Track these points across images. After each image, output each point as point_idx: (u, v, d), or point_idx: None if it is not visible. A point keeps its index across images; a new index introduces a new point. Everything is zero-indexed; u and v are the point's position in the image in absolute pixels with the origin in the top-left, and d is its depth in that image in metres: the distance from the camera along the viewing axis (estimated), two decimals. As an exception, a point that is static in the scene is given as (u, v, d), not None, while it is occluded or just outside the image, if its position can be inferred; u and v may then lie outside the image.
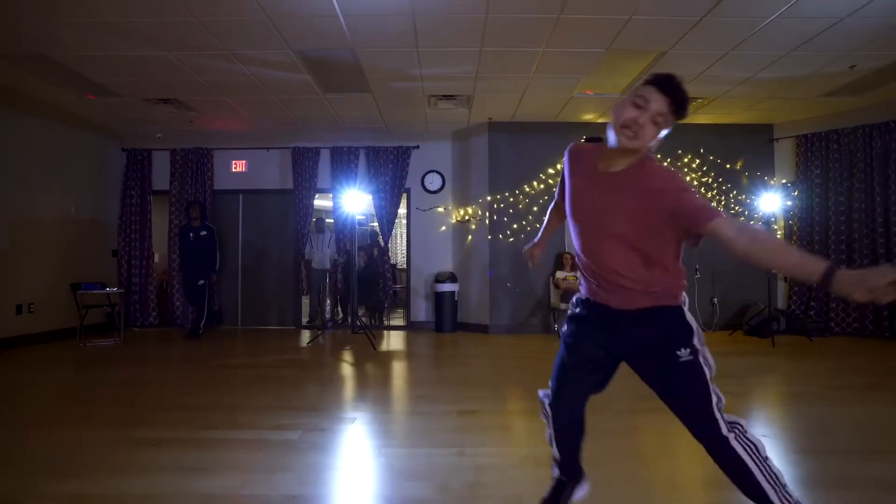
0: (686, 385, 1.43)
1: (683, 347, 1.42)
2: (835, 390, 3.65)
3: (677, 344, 1.43)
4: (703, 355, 1.45)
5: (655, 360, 1.47)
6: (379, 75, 5.25)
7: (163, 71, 5.08)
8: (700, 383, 1.42)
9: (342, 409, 3.18)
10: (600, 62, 4.92)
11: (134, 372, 4.46)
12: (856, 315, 6.34)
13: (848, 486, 2.01)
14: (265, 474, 2.16)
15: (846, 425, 2.81)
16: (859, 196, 6.31)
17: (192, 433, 2.71)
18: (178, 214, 7.47)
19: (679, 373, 1.43)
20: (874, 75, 5.22)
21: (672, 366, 1.43)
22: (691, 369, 1.42)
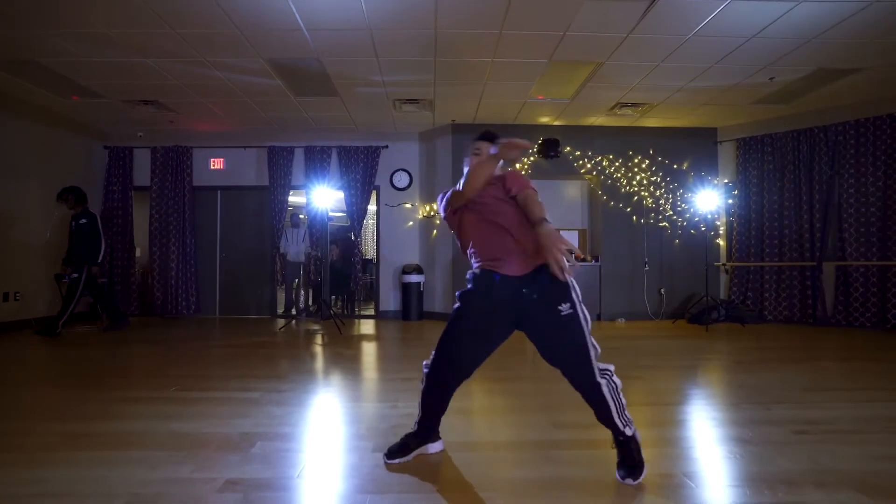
0: (567, 337, 1.79)
1: (564, 303, 1.77)
2: (740, 363, 4.19)
3: (558, 300, 1.80)
4: (582, 309, 1.79)
5: (540, 317, 1.83)
6: (345, 81, 5.70)
7: (144, 75, 5.47)
8: (580, 335, 1.78)
9: (302, 377, 3.63)
10: (546, 71, 5.42)
11: (116, 350, 4.86)
12: (786, 304, 6.94)
13: (762, 423, 2.53)
14: (227, 419, 2.61)
15: (747, 385, 3.34)
16: (789, 196, 6.90)
17: (168, 394, 3.15)
18: (158, 209, 7.84)
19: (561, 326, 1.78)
20: (792, 86, 5.80)
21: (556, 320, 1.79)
22: (571, 322, 1.79)
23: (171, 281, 7.80)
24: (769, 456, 2.10)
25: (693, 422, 2.65)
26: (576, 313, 1.78)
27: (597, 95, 6.23)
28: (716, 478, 1.91)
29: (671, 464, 2.03)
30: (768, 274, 7.08)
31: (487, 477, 1.91)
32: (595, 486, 1.82)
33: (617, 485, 1.82)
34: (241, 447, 2.23)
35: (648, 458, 1.91)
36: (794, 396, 3.09)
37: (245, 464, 2.04)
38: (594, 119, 7.23)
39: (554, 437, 2.37)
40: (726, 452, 2.16)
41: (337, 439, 2.36)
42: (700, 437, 2.40)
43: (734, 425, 2.53)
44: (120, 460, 2.08)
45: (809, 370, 3.95)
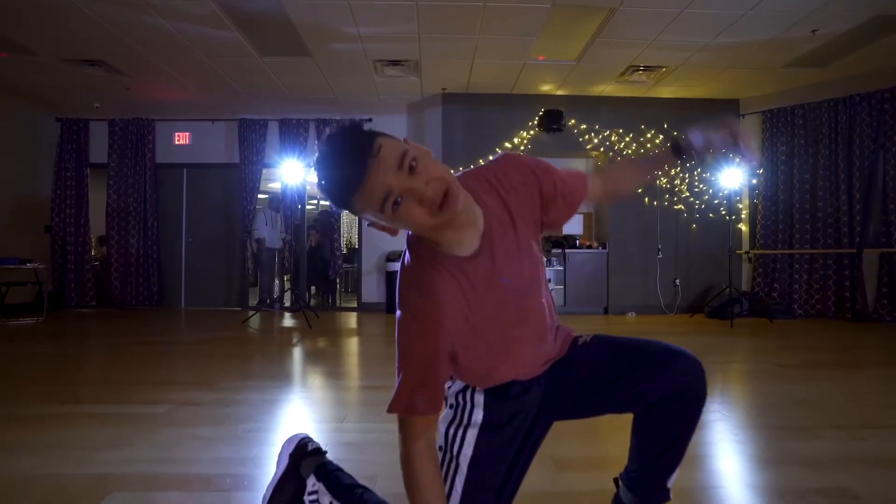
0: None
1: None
2: (782, 367, 3.41)
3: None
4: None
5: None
6: (315, 34, 4.89)
7: (80, 25, 4.67)
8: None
9: (237, 386, 2.85)
10: (549, 21, 4.61)
11: (39, 346, 4.10)
12: (819, 297, 6.14)
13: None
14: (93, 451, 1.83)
15: (787, 401, 2.55)
16: (824, 174, 6.08)
17: (34, 410, 2.37)
18: (117, 189, 7.05)
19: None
20: (837, 42, 4.97)
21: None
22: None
23: (132, 269, 7.02)
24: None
25: (751, 459, 1.85)
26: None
27: (606, 56, 5.41)
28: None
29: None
30: (798, 263, 6.27)
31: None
32: None
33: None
34: (83, 500, 1.45)
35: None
36: (885, 419, 2.29)
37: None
38: (602, 88, 6.40)
39: (556, 485, 1.58)
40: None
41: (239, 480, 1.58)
42: (769, 484, 1.60)
43: (819, 468, 1.73)
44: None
45: (882, 378, 3.16)
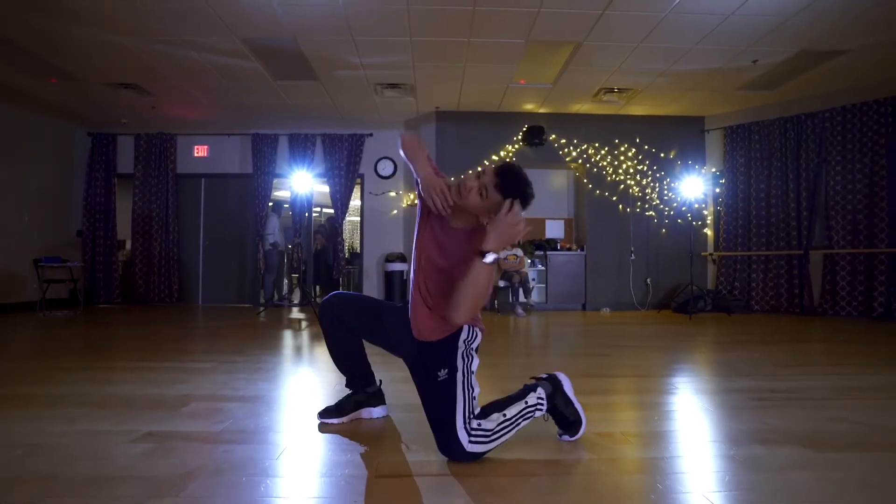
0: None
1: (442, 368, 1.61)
2: (719, 344, 4.11)
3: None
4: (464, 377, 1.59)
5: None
6: (322, 63, 5.63)
7: (121, 56, 5.42)
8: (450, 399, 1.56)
9: (263, 352, 3.54)
10: (525, 53, 5.35)
11: (87, 330, 4.80)
12: (773, 294, 6.84)
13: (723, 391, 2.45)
14: (169, 385, 2.53)
15: (719, 361, 3.26)
16: (776, 184, 6.81)
17: (112, 363, 3.08)
18: (142, 197, 7.78)
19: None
20: (777, 70, 5.72)
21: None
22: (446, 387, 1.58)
23: (154, 269, 7.73)
24: (720, 420, 2.02)
25: (654, 391, 2.56)
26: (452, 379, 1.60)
27: (579, 80, 6.15)
28: (660, 438, 1.82)
29: (620, 425, 1.95)
30: (755, 263, 6.98)
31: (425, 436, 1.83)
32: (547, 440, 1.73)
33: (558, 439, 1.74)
34: (172, 406, 2.15)
35: (598, 419, 1.84)
36: (764, 371, 3.00)
37: (171, 419, 1.96)
38: (579, 106, 7.15)
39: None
40: (679, 418, 2.08)
41: (277, 401, 2.28)
42: (657, 403, 2.31)
43: (695, 394, 2.44)
44: (37, 417, 2.00)
45: (786, 350, 3.86)
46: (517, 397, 1.64)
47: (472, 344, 1.69)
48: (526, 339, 4.64)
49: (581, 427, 1.70)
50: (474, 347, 1.70)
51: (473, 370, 1.64)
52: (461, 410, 1.52)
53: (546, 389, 1.69)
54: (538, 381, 1.73)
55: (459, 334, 1.66)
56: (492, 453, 1.54)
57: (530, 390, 1.67)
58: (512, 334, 4.89)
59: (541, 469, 1.51)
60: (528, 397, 1.64)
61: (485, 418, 1.54)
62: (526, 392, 1.66)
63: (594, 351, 3.84)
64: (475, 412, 1.55)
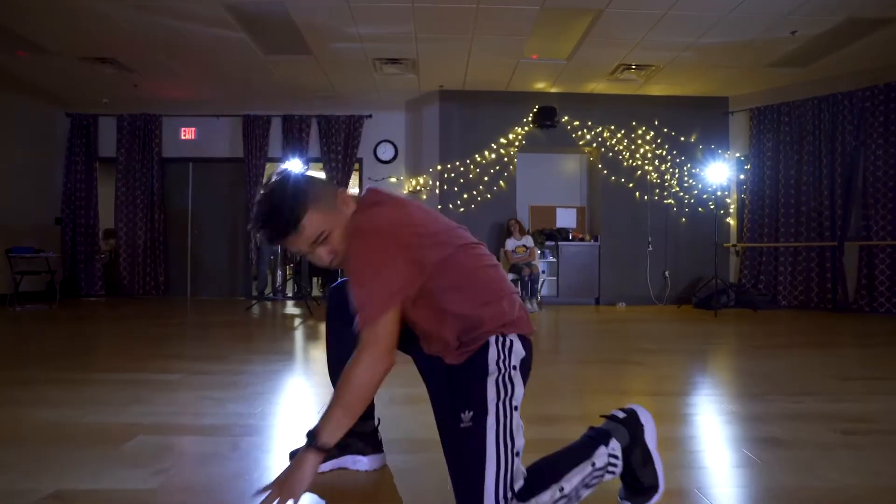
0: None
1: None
2: (758, 348, 3.64)
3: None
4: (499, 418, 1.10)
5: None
6: (316, 34, 5.12)
7: (95, 25, 4.93)
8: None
9: (247, 358, 3.09)
10: (539, 21, 4.83)
11: (53, 329, 4.34)
12: (802, 289, 6.36)
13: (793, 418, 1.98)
14: (120, 406, 2.07)
15: (766, 373, 2.79)
16: (808, 170, 6.30)
17: (63, 375, 2.62)
18: (125, 183, 7.30)
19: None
20: (816, 42, 5.19)
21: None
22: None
23: (139, 259, 7.27)
24: (809, 462, 1.55)
25: (704, 416, 2.09)
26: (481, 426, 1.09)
27: (596, 55, 5.63)
28: (739, 494, 1.35)
29: (680, 474, 1.47)
30: (783, 256, 6.49)
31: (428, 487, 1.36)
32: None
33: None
34: (111, 442, 1.69)
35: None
36: (830, 386, 2.53)
37: (99, 466, 1.49)
38: (594, 86, 6.62)
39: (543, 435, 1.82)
40: (751, 458, 1.60)
41: (248, 436, 1.82)
42: (715, 436, 1.84)
43: (758, 422, 1.97)
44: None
45: (838, 356, 3.39)
46: (580, 454, 1.13)
47: (511, 360, 1.15)
48: (535, 339, 4.18)
49: (656, 494, 1.20)
50: (515, 365, 1.15)
51: (515, 405, 1.12)
52: (494, 477, 1.03)
53: (622, 440, 1.18)
54: (611, 422, 1.22)
55: (486, 351, 1.14)
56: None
57: (599, 442, 1.16)
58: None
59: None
60: (595, 455, 1.13)
61: (532, 497, 1.03)
62: (593, 445, 1.15)
63: (618, 356, 3.37)
64: (516, 483, 1.04)
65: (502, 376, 1.13)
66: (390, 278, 1.11)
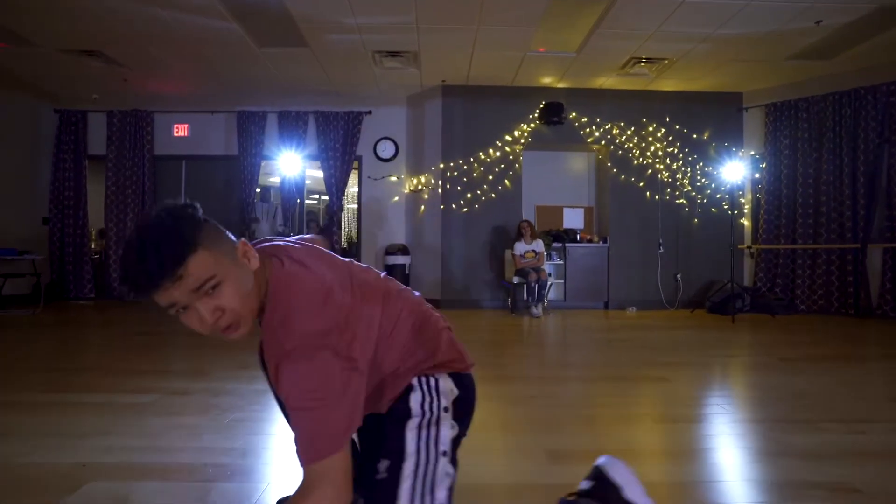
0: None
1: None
2: (786, 361, 3.36)
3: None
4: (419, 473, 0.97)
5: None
6: (312, 25, 4.83)
7: (75, 15, 4.63)
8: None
9: (230, 375, 2.82)
10: (548, 11, 4.54)
11: (28, 336, 4.08)
12: (821, 293, 6.07)
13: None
14: (76, 438, 1.81)
15: (787, 394, 2.51)
16: (828, 168, 6.01)
17: (24, 397, 2.35)
18: (115, 181, 7.03)
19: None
20: (841, 33, 4.89)
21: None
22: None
23: (130, 261, 6.99)
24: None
25: (750, 452, 1.81)
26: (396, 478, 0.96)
27: (607, 47, 5.34)
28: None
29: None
30: (801, 258, 6.20)
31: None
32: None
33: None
34: (50, 492, 1.42)
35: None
36: (890, 412, 2.25)
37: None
38: (603, 80, 6.34)
39: (549, 477, 1.55)
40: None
41: (219, 480, 1.55)
42: (768, 480, 1.56)
43: (819, 461, 1.69)
44: None
45: (883, 371, 3.11)
46: None
47: (439, 402, 1.02)
48: (541, 349, 3.91)
49: None
50: (446, 406, 1.03)
51: (443, 450, 0.98)
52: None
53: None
54: (580, 499, 1.06)
55: (409, 394, 1.02)
56: None
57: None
58: (525, 343, 4.16)
59: None
60: None
61: None
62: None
63: (635, 371, 3.09)
64: None
65: (426, 420, 1.01)
66: (343, 408, 0.87)
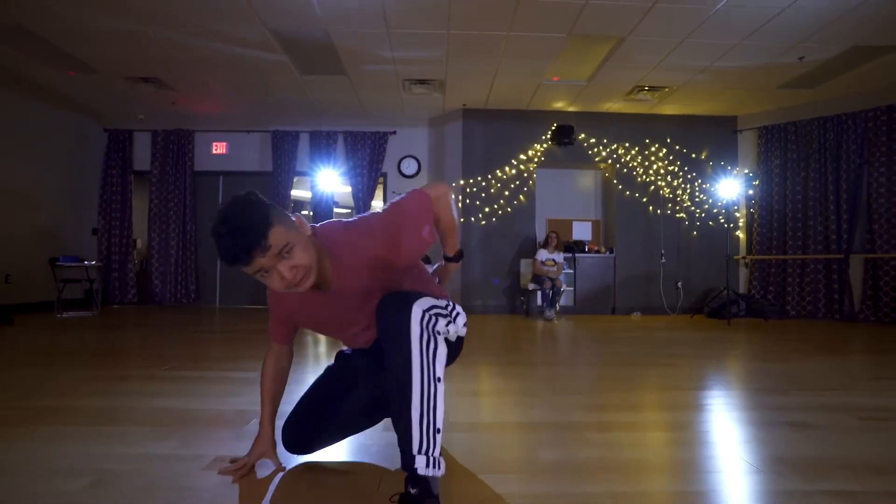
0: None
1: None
2: (774, 352, 3.90)
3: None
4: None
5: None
6: (353, 57, 5.44)
7: (144, 48, 5.23)
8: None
9: (303, 360, 3.36)
10: (564, 47, 5.16)
11: (108, 334, 4.61)
12: (810, 299, 6.64)
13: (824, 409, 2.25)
14: (221, 397, 2.34)
15: (791, 374, 3.05)
16: (814, 186, 6.61)
17: (157, 372, 2.89)
18: (158, 195, 7.60)
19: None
20: (822, 67, 5.52)
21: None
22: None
23: (171, 269, 7.55)
24: (836, 440, 1.82)
25: (742, 406, 2.36)
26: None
27: (615, 77, 5.96)
28: (771, 460, 1.62)
29: (728, 443, 1.75)
30: (791, 267, 6.78)
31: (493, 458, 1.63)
32: (635, 467, 1.54)
33: (657, 465, 1.54)
34: (233, 424, 1.96)
35: (692, 456, 1.62)
36: (846, 382, 2.80)
37: (238, 440, 1.77)
38: (610, 105, 6.95)
39: (587, 418, 2.09)
40: (784, 435, 1.87)
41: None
42: (751, 419, 2.11)
43: (788, 410, 2.24)
44: (91, 436, 1.81)
45: (854, 360, 3.65)
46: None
47: (453, 309, 1.33)
48: (556, 344, 4.45)
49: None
50: (456, 312, 1.34)
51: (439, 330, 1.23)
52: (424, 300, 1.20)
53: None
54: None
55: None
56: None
57: None
58: (541, 340, 4.70)
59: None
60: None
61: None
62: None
63: (644, 360, 3.63)
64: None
65: (438, 311, 1.26)
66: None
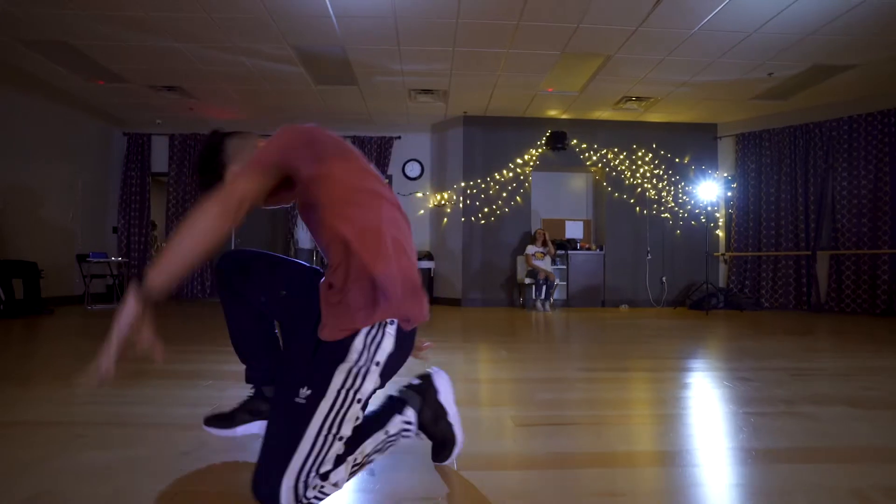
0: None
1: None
2: (743, 335, 4.47)
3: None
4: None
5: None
6: (365, 69, 5.96)
7: (173, 61, 5.71)
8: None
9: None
10: (558, 63, 5.71)
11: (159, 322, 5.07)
12: (782, 292, 7.24)
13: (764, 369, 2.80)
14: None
15: (746, 348, 3.61)
16: (786, 188, 7.21)
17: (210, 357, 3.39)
18: (175, 195, 8.07)
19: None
20: (790, 82, 6.11)
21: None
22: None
23: (187, 265, 8.00)
24: (767, 388, 2.37)
25: (696, 370, 2.91)
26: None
27: (604, 89, 6.52)
28: (719, 403, 2.16)
29: (676, 401, 2.29)
30: (765, 263, 7.37)
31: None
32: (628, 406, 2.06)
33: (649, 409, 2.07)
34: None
35: (662, 396, 2.15)
36: (791, 354, 3.36)
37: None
38: (600, 113, 7.52)
39: (577, 375, 2.63)
40: (733, 386, 2.42)
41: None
42: (703, 378, 2.66)
43: (736, 370, 2.79)
44: (189, 387, 2.29)
45: (805, 339, 4.23)
46: (376, 423, 1.20)
47: (376, 352, 1.13)
48: (551, 332, 4.99)
49: (455, 447, 1.33)
50: (379, 361, 1.13)
51: (359, 398, 1.10)
52: (303, 458, 1.03)
53: (414, 405, 1.28)
54: (407, 390, 1.31)
55: (353, 339, 1.11)
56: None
57: (395, 411, 1.25)
58: (536, 329, 5.24)
59: None
60: (389, 424, 1.21)
61: (334, 468, 1.07)
62: (389, 413, 1.24)
63: (630, 341, 4.18)
64: (322, 467, 1.04)
65: (357, 369, 1.10)
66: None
